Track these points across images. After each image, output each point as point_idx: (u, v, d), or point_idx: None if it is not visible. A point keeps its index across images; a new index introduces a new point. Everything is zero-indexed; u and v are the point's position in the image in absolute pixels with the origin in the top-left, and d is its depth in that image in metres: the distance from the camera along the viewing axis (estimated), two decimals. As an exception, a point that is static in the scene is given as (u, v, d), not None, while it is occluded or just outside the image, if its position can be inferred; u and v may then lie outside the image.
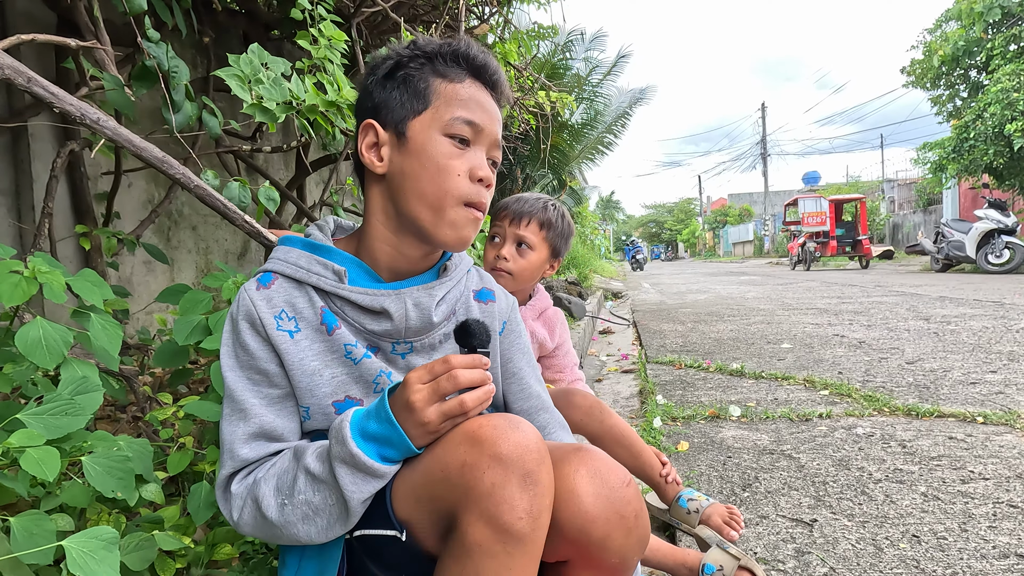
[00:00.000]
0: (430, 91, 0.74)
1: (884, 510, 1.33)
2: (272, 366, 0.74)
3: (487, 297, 0.86)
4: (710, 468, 1.63)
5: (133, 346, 1.72)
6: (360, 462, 0.63)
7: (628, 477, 0.69)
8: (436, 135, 0.73)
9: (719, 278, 12.12)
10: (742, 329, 4.27)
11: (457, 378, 0.63)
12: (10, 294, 0.80)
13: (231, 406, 0.74)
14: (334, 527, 0.67)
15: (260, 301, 0.75)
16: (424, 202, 0.73)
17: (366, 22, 2.42)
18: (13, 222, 1.84)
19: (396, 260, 0.78)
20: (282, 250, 0.79)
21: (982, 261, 9.68)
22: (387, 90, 0.76)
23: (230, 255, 2.74)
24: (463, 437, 0.63)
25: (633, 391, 2.71)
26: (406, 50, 0.77)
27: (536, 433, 0.64)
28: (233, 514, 0.71)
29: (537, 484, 0.61)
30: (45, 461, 0.69)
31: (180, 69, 1.30)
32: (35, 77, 0.93)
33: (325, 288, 0.75)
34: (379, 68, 0.78)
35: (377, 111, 0.76)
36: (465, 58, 0.76)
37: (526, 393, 0.87)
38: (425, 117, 0.74)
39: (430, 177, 0.73)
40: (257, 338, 0.74)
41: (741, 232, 36.88)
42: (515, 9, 3.38)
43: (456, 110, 0.74)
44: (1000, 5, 12.40)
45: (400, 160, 0.74)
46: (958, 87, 15.05)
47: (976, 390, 2.32)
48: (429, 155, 0.73)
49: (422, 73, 0.75)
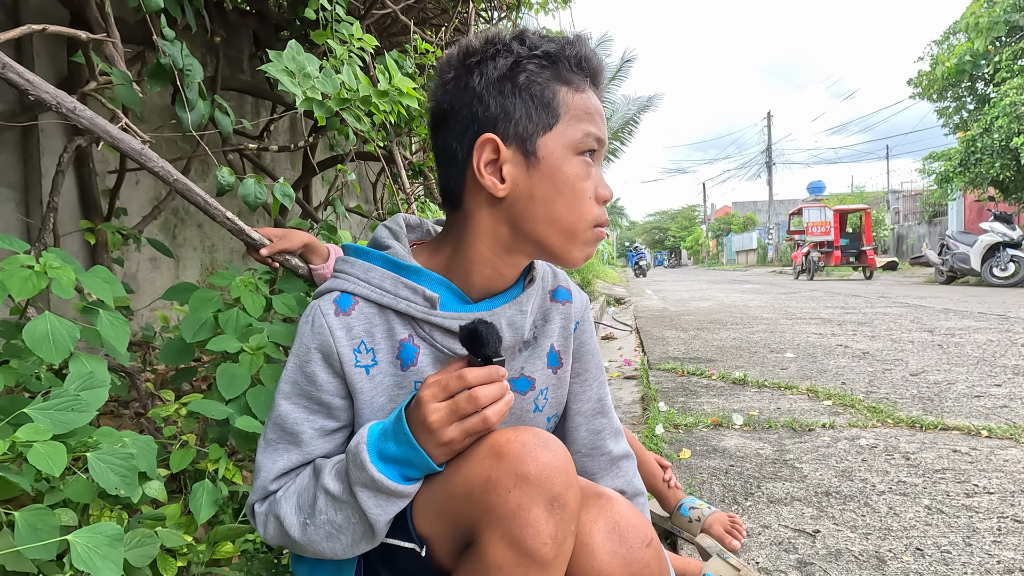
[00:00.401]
0: (558, 102, 0.65)
1: (887, 522, 1.32)
2: (337, 399, 0.69)
3: (564, 297, 0.80)
4: (712, 476, 1.62)
5: (136, 343, 1.72)
6: (383, 486, 0.61)
7: (650, 535, 0.64)
8: (569, 154, 0.66)
9: (722, 286, 12.09)
10: (745, 337, 4.26)
11: (477, 399, 0.59)
12: (20, 288, 0.80)
13: (278, 433, 0.70)
14: (359, 544, 0.65)
15: (339, 330, 0.67)
16: (556, 228, 0.66)
17: (376, 24, 2.43)
18: (21, 217, 1.85)
19: (493, 281, 0.72)
20: (360, 266, 0.71)
21: (987, 274, 9.64)
22: (505, 96, 0.65)
23: (235, 253, 2.75)
24: (488, 451, 0.60)
25: (635, 397, 2.70)
26: (522, 47, 0.66)
27: (565, 453, 0.61)
28: (260, 530, 0.70)
29: (564, 509, 0.58)
30: (51, 456, 0.69)
31: (194, 67, 1.30)
32: (10, 63, 0.92)
33: (414, 315, 0.68)
34: (487, 66, 0.66)
35: (495, 123, 0.65)
36: (588, 62, 0.68)
37: (587, 395, 0.83)
38: (556, 133, 0.65)
39: (565, 202, 0.66)
40: (329, 371, 0.68)
41: (745, 240, 36.83)
42: (524, 14, 3.39)
43: (586, 125, 0.66)
44: (1006, 20, 12.40)
45: (528, 182, 0.66)
46: (965, 99, 15.05)
47: (981, 403, 2.31)
48: (564, 178, 0.65)
49: (545, 78, 0.66)
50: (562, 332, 0.79)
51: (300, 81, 1.26)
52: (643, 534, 0.64)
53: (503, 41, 0.67)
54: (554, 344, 0.78)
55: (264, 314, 1.15)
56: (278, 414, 0.70)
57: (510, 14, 3.15)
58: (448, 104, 0.68)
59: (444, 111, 0.69)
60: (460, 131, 0.67)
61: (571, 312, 0.80)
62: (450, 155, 0.69)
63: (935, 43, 15.48)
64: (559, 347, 0.79)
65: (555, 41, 0.68)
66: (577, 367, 0.82)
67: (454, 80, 0.68)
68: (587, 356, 0.82)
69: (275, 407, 0.70)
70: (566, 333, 0.79)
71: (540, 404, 0.78)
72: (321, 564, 0.72)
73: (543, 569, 0.58)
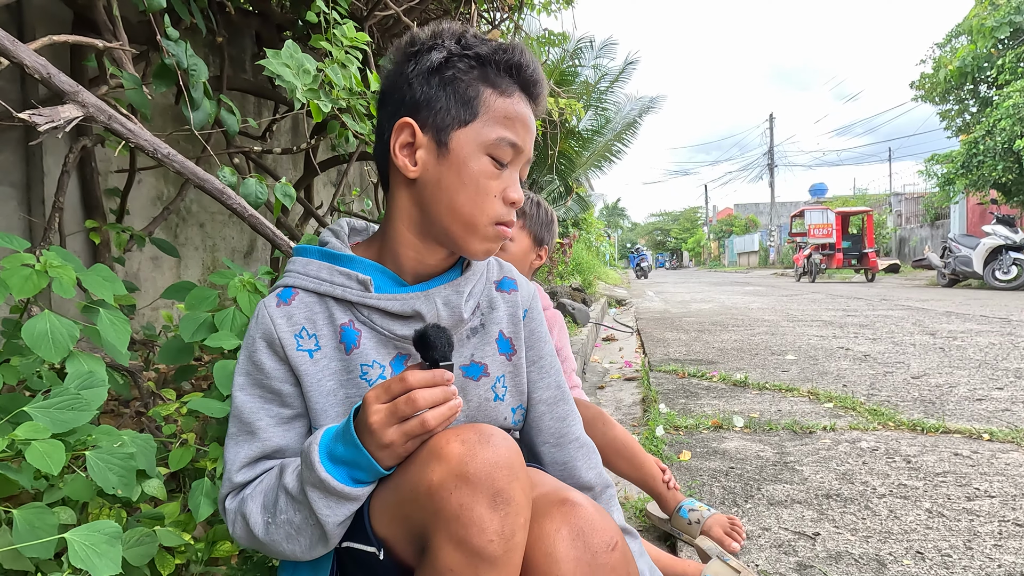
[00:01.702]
0: (479, 102, 0.69)
1: (888, 525, 1.32)
2: (287, 386, 0.72)
3: (509, 286, 0.83)
4: (712, 478, 1.62)
5: (138, 341, 1.73)
6: (330, 487, 0.61)
7: (615, 539, 0.64)
8: (479, 152, 0.69)
9: (723, 288, 12.08)
10: (746, 339, 4.25)
11: (416, 401, 0.59)
12: (20, 287, 0.80)
13: (237, 425, 0.72)
14: (316, 547, 0.65)
15: (280, 319, 0.71)
16: (456, 217, 0.71)
17: (378, 25, 2.44)
18: (24, 215, 1.86)
19: (421, 264, 0.75)
20: (300, 262, 0.75)
21: (989, 277, 9.62)
22: (431, 87, 0.70)
23: (236, 253, 2.75)
24: (430, 455, 0.60)
25: (636, 399, 2.70)
26: (455, 45, 0.70)
27: (509, 447, 0.61)
28: (230, 528, 0.71)
29: (509, 503, 0.58)
30: (50, 454, 0.69)
31: (199, 67, 1.31)
32: (115, 115, 0.99)
33: (351, 299, 0.72)
34: (422, 58, 0.71)
35: (417, 109, 0.70)
36: (518, 69, 0.71)
37: (547, 382, 0.84)
38: (470, 130, 0.69)
39: (467, 195, 0.70)
40: (274, 357, 0.71)
41: (746, 242, 36.80)
42: (526, 16, 3.39)
43: (502, 129, 0.70)
44: (1011, 21, 12.38)
45: (437, 169, 0.70)
46: (967, 102, 15.02)
47: (982, 407, 2.30)
48: (470, 173, 0.69)
49: (471, 78, 0.70)
50: (510, 319, 0.82)
51: (299, 75, 1.27)
52: (607, 538, 0.63)
53: (442, 37, 0.71)
54: (503, 331, 0.81)
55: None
56: (235, 406, 0.72)
57: (512, 15, 3.16)
58: (386, 87, 0.75)
59: (383, 92, 0.75)
60: (390, 113, 0.73)
61: (518, 300, 0.83)
62: (379, 130, 0.75)
63: (937, 46, 15.46)
64: (509, 334, 0.81)
65: (490, 44, 0.72)
66: (532, 355, 0.84)
67: (395, 65, 0.74)
68: (540, 343, 0.85)
69: (232, 400, 0.73)
70: (515, 320, 0.82)
71: (500, 393, 0.79)
72: (300, 567, 0.73)
73: (493, 566, 0.58)
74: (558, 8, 3.71)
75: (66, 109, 0.96)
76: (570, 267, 8.57)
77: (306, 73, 1.28)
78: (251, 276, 1.16)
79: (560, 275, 7.55)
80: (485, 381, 0.78)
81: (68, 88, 0.98)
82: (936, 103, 15.62)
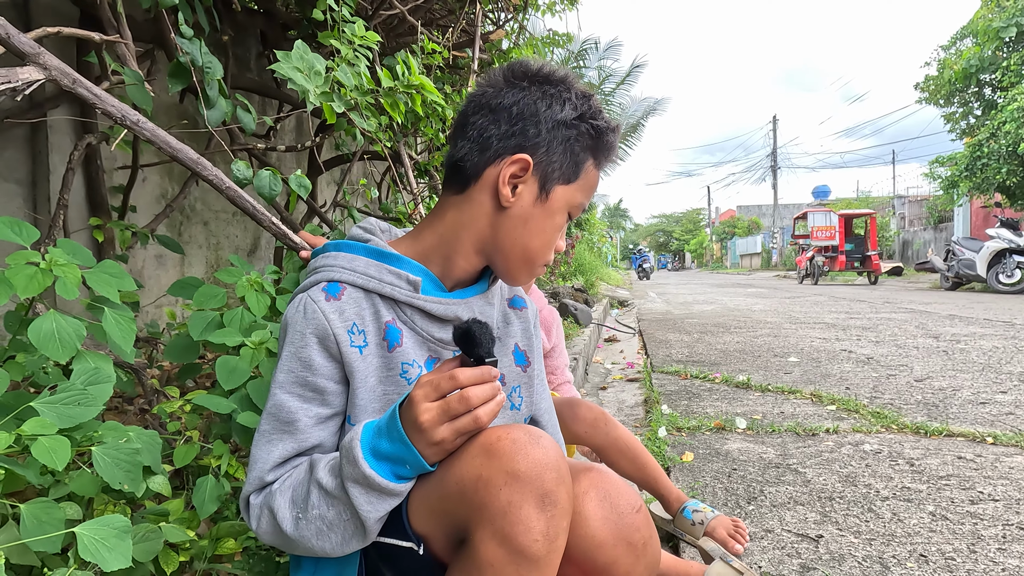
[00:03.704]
0: (582, 168, 0.76)
1: (891, 528, 1.32)
2: (332, 384, 0.71)
3: (520, 304, 0.88)
4: (715, 480, 1.62)
5: (142, 339, 1.73)
6: (374, 483, 0.61)
7: (639, 502, 0.67)
8: (564, 209, 0.76)
9: (726, 289, 12.07)
10: (749, 341, 4.25)
11: (469, 399, 0.60)
12: (25, 285, 0.80)
13: (273, 423, 0.71)
14: (350, 542, 0.65)
15: (332, 314, 0.71)
16: (523, 254, 0.76)
17: (383, 24, 2.44)
18: (29, 212, 1.86)
19: (464, 273, 0.78)
20: (344, 257, 0.75)
21: (993, 280, 9.59)
22: (555, 140, 0.73)
23: (240, 251, 2.76)
24: (479, 450, 0.61)
25: (638, 400, 2.70)
26: (585, 107, 0.75)
27: (557, 449, 0.62)
28: (252, 523, 0.71)
29: (555, 505, 0.59)
30: (56, 450, 0.69)
31: (213, 65, 1.30)
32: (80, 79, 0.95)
33: (398, 298, 0.73)
34: (555, 105, 0.74)
35: (536, 149, 0.73)
36: (611, 150, 0.79)
37: (545, 394, 0.89)
38: (568, 189, 0.75)
39: (542, 241, 0.76)
40: (325, 354, 0.71)
41: (749, 244, 36.75)
42: (530, 16, 3.39)
43: (583, 197, 0.77)
44: (1017, 23, 12.33)
45: (531, 210, 0.74)
46: (972, 104, 14.97)
47: (986, 410, 2.29)
48: (552, 224, 0.76)
49: (585, 146, 0.75)
50: (524, 333, 0.87)
51: (311, 77, 1.27)
52: (632, 501, 0.67)
53: (573, 91, 0.75)
54: (518, 343, 0.85)
55: (269, 313, 1.15)
56: (273, 404, 0.71)
57: (516, 15, 3.15)
58: (512, 102, 0.74)
59: (505, 105, 0.74)
60: (506, 131, 0.73)
61: (528, 316, 0.88)
62: (483, 140, 0.74)
63: (942, 48, 15.41)
64: (524, 347, 0.86)
65: (605, 122, 0.77)
66: (536, 368, 0.89)
67: (524, 92, 0.74)
68: (541, 358, 0.90)
69: (270, 398, 0.72)
70: (528, 335, 0.87)
71: (516, 403, 0.83)
72: (324, 562, 0.72)
73: (534, 566, 0.59)
74: (563, 9, 3.71)
75: (25, 71, 0.90)
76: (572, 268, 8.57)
77: (317, 75, 1.28)
78: (258, 275, 1.16)
79: (563, 276, 7.55)
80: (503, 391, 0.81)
81: (29, 49, 0.91)
82: (940, 105, 15.58)
